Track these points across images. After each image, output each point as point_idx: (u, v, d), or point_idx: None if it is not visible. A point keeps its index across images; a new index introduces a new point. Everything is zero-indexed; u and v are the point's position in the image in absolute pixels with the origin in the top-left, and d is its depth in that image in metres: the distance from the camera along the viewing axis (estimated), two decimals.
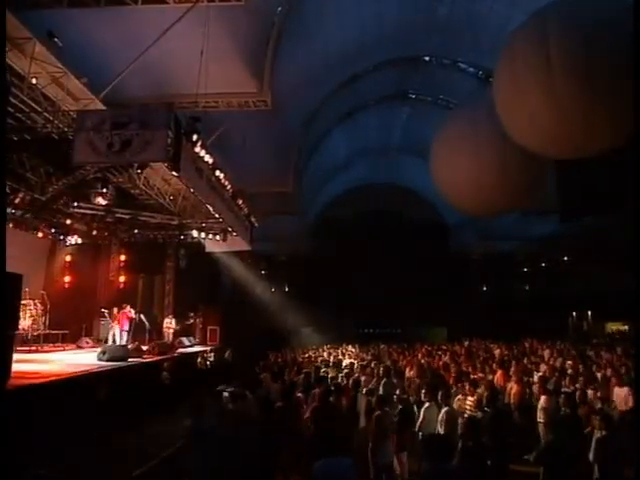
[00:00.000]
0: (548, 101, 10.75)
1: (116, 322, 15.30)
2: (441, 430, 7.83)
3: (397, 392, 9.93)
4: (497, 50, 21.61)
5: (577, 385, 9.98)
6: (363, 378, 11.01)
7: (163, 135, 10.83)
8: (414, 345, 20.96)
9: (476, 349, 18.01)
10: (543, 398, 8.82)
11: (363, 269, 32.91)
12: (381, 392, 9.97)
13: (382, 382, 10.14)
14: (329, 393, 8.83)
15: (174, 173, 11.79)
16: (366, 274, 32.76)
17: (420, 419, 8.36)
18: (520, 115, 12.23)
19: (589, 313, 29.65)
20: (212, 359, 16.91)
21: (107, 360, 12.01)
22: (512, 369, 11.31)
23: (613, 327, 28.36)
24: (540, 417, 8.80)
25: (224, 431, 7.38)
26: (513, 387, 10.38)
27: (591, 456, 6.82)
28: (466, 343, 21.26)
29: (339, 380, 10.25)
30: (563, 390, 9.25)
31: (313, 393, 9.22)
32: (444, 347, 18.60)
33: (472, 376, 10.68)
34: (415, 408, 8.90)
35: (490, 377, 11.54)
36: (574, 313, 30.54)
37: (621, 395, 9.14)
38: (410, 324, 30.67)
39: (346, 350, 18.41)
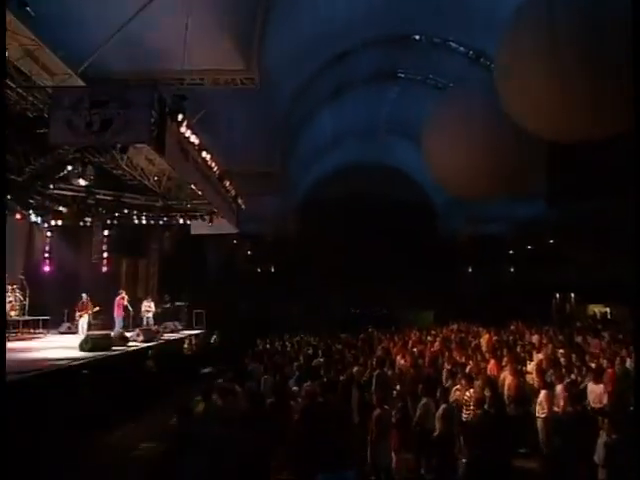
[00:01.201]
0: (554, 84, 10.25)
1: (85, 311, 14.67)
2: (438, 426, 7.45)
3: (392, 385, 9.55)
4: (488, 29, 21.12)
5: (572, 376, 9.67)
6: (355, 369, 10.61)
7: (146, 115, 10.08)
8: (402, 329, 20.67)
9: (465, 334, 17.73)
10: (543, 393, 8.46)
11: (350, 250, 32.46)
12: (374, 385, 9.61)
13: (375, 374, 9.72)
14: (320, 389, 8.38)
15: (159, 155, 11.05)
16: (353, 255, 32.33)
17: (417, 415, 7.98)
18: (524, 98, 11.70)
19: (572, 295, 29.69)
20: (198, 344, 16.34)
21: (89, 350, 11.40)
22: (505, 358, 10.94)
23: (595, 309, 28.44)
24: (539, 411, 8.47)
25: (213, 433, 6.89)
26: (507, 378, 10.04)
27: (597, 459, 6.50)
28: (454, 326, 21.02)
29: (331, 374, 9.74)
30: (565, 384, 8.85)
31: (305, 388, 8.76)
32: (433, 332, 18.27)
33: (466, 365, 10.30)
34: (409, 402, 8.51)
35: (482, 365, 11.23)
36: (557, 295, 30.56)
37: (596, 392, 8.63)
38: (397, 306, 30.43)
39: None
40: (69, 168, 13.07)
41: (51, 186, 14.73)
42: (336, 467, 5.62)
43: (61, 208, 16.55)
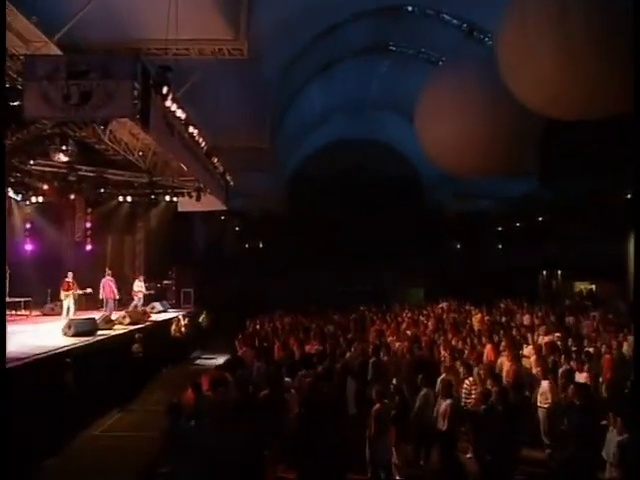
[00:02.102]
0: (563, 60, 9.60)
1: (71, 291, 13.98)
2: (443, 424, 7.03)
3: (388, 373, 9.12)
4: (483, 2, 20.26)
5: (572, 364, 9.30)
6: (349, 354, 10.16)
7: (128, 87, 9.30)
8: (394, 307, 20.29)
9: (457, 313, 17.37)
10: (547, 384, 8.08)
11: (339, 226, 31.91)
12: (371, 374, 9.19)
13: (371, 361, 9.29)
14: (316, 380, 7.91)
15: (143, 131, 10.28)
16: (342, 231, 31.80)
17: (416, 406, 7.57)
18: (529, 75, 11.03)
19: (559, 273, 29.59)
20: (187, 325, 15.76)
21: (73, 335, 10.78)
22: (502, 343, 10.56)
23: (581, 286, 28.41)
24: (541, 401, 8.10)
25: (204, 432, 6.40)
26: (505, 363, 9.68)
27: (606, 455, 6.13)
28: (444, 304, 20.70)
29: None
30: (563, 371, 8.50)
31: (300, 378, 8.29)
32: (425, 311, 17.87)
33: (463, 351, 9.90)
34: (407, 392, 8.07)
35: (479, 349, 10.87)
36: (544, 272, 30.45)
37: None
38: (386, 282, 30.11)
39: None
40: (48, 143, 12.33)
41: (30, 162, 13.86)
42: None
43: (41, 185, 15.69)
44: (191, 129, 12.19)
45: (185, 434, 6.15)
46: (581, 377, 8.44)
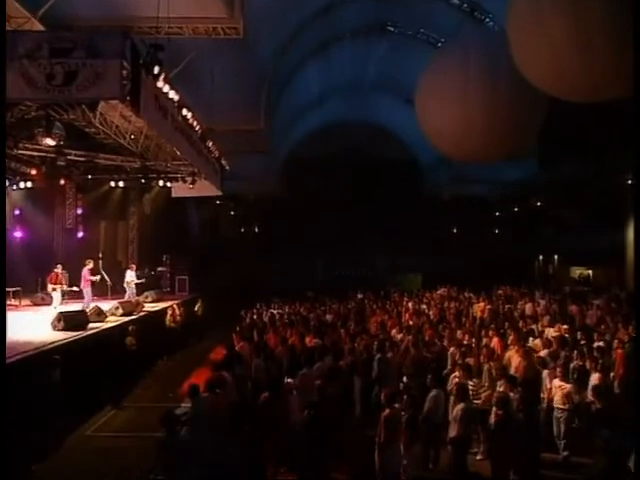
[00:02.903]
0: (577, 39, 8.95)
1: (59, 284, 13.33)
2: (454, 428, 6.54)
3: (394, 370, 8.60)
4: None
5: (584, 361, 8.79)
6: (346, 347, 9.60)
7: (117, 66, 8.56)
8: (391, 294, 19.81)
9: (457, 302, 16.87)
10: (570, 387, 7.49)
11: (335, 210, 31.23)
12: (376, 371, 8.67)
13: (377, 358, 8.76)
14: (321, 381, 7.39)
15: (133, 113, 9.56)
16: (338, 215, 31.13)
17: (426, 408, 7.07)
18: (542, 55, 10.34)
19: (555, 258, 29.19)
20: (182, 314, 15.16)
21: (63, 329, 10.18)
22: (511, 337, 10.05)
23: (577, 272, 28.04)
24: (559, 402, 7.52)
25: (202, 443, 5.87)
26: (514, 358, 9.17)
27: (633, 466, 5.66)
28: (443, 291, 20.25)
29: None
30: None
31: (302, 377, 7.75)
32: (426, 300, 17.33)
33: (470, 347, 9.38)
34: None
35: (485, 342, 10.37)
36: (540, 257, 30.05)
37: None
38: (383, 267, 29.66)
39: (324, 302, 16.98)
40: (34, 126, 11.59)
41: (16, 146, 13.06)
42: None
43: (29, 170, 14.91)
44: (184, 112, 11.45)
45: (182, 446, 5.63)
46: (594, 378, 7.93)
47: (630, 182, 19.98)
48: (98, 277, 13.94)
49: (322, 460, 6.41)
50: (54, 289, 13.21)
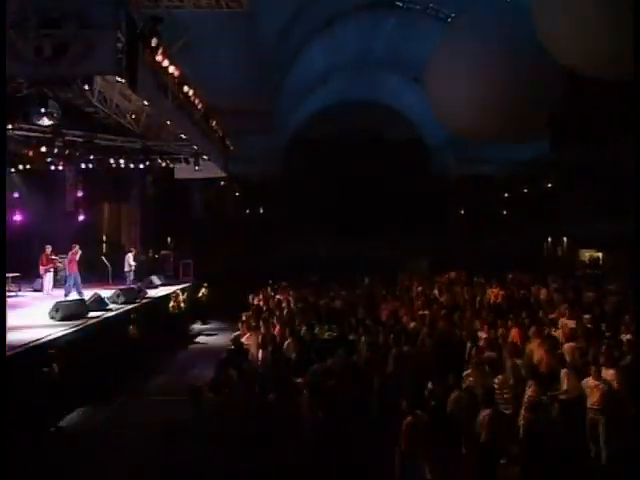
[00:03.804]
0: (605, 13, 8.08)
1: (50, 266, 12.63)
2: (483, 434, 5.89)
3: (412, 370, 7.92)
4: None
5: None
6: (363, 338, 8.88)
7: (111, 38, 7.77)
8: (400, 279, 19.08)
9: (468, 286, 16.10)
10: (605, 389, 6.70)
11: (340, 190, 30.38)
12: (392, 367, 8.00)
13: (393, 353, 8.06)
14: (336, 380, 6.74)
15: (130, 89, 8.76)
16: (343, 196, 30.30)
17: (447, 412, 6.41)
18: (572, 34, 9.45)
19: (564, 240, 28.36)
20: (186, 301, 14.48)
21: (61, 320, 9.54)
22: (532, 329, 9.31)
23: (587, 254, 27.22)
24: (596, 404, 6.66)
25: (203, 459, 5.22)
26: (537, 352, 8.45)
27: None
28: (451, 275, 19.49)
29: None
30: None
31: (313, 375, 7.09)
32: (437, 285, 16.55)
33: (491, 340, 8.69)
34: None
35: (501, 332, 9.67)
36: (549, 239, 29.21)
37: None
38: (389, 249, 28.90)
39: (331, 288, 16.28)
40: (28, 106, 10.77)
41: (9, 126, 12.28)
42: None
43: (27, 152, 14.13)
44: (186, 88, 10.63)
45: (180, 465, 4.98)
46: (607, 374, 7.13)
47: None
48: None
49: (335, 469, 5.81)
50: (46, 271, 12.54)
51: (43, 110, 10.82)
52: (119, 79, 8.33)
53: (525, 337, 9.25)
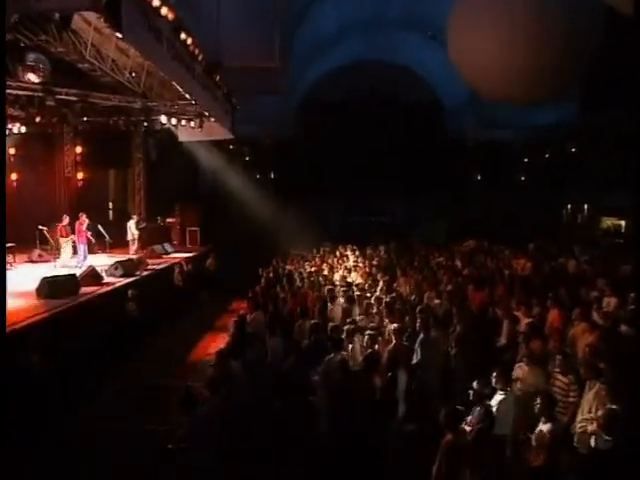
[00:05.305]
0: None
1: (70, 237, 11.43)
2: (538, 454, 4.63)
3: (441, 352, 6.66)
4: None
5: None
6: (391, 326, 7.52)
7: None
8: (416, 247, 17.71)
9: (490, 257, 14.64)
10: None
11: (354, 154, 28.64)
12: (419, 356, 6.73)
13: (420, 340, 6.77)
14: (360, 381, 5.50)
15: (114, 30, 7.27)
16: (357, 159, 28.58)
17: None
18: None
19: (585, 207, 26.61)
20: (191, 272, 13.25)
21: (48, 297, 8.39)
22: (576, 311, 7.88)
23: (608, 222, 25.50)
24: None
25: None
26: (580, 337, 7.14)
27: None
28: (470, 243, 18.03)
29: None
30: None
31: (329, 363, 5.87)
32: (458, 257, 15.05)
33: (536, 327, 7.32)
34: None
35: (537, 311, 8.33)
36: (569, 206, 27.45)
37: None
38: (403, 215, 27.44)
39: (346, 257, 14.96)
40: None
41: None
42: None
43: (18, 112, 12.75)
44: (183, 36, 9.08)
45: None
46: None
47: None
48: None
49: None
50: (66, 242, 11.40)
51: (29, 63, 9.48)
52: (99, 16, 6.84)
53: (567, 320, 7.91)
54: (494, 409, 5.16)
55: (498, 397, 5.30)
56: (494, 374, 5.44)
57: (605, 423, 4.49)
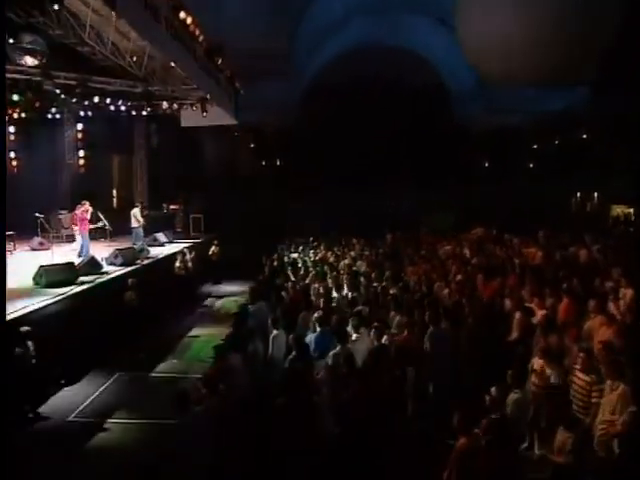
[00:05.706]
0: None
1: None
2: (566, 459, 4.27)
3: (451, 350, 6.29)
4: None
5: None
6: (397, 318, 7.18)
7: None
8: (424, 236, 17.28)
9: (499, 246, 14.18)
10: None
11: (360, 140, 28.07)
12: (428, 349, 6.35)
13: (429, 332, 6.39)
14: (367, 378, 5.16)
15: (107, 6, 6.86)
16: (363, 146, 28.03)
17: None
18: None
19: (595, 195, 25.97)
20: (194, 260, 12.84)
21: (45, 286, 8.08)
22: (592, 302, 7.44)
23: (618, 210, 24.85)
24: None
25: None
26: (597, 330, 6.71)
27: None
28: (478, 231, 17.53)
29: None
30: None
31: (335, 358, 5.55)
32: (466, 245, 14.61)
33: (550, 319, 6.94)
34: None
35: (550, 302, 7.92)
36: (578, 194, 26.80)
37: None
38: (409, 203, 26.94)
39: (352, 245, 14.56)
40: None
41: None
42: None
43: (14, 97, 12.36)
44: (183, 15, 8.63)
45: None
46: None
47: None
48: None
49: None
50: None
51: (25, 46, 9.08)
52: None
53: (577, 310, 7.47)
54: (509, 409, 4.84)
55: (514, 396, 4.96)
56: (509, 373, 5.09)
57: (629, 427, 4.14)
